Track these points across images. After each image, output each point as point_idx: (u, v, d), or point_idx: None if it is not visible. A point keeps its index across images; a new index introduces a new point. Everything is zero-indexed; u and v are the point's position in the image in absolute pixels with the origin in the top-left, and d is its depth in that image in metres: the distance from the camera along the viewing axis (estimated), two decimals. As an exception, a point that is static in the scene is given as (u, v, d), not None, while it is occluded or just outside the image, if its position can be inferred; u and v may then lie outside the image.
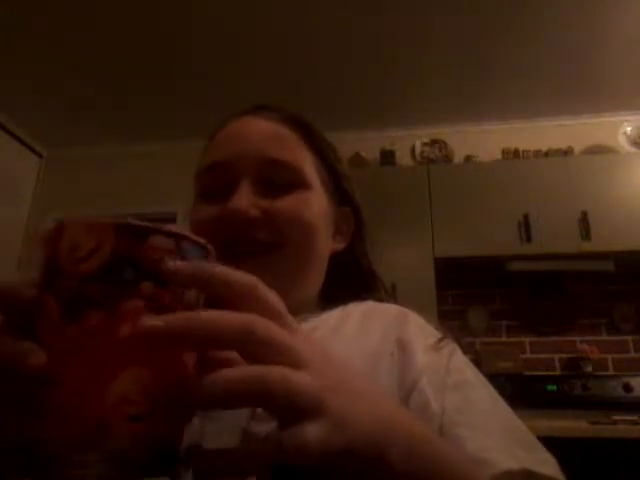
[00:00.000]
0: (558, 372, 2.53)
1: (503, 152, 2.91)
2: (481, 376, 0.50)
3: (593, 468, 1.71)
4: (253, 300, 0.26)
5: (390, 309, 0.56)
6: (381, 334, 0.50)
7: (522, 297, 2.70)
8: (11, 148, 3.16)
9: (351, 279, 0.63)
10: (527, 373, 2.51)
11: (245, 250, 0.51)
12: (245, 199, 0.50)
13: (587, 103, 2.84)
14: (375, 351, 0.48)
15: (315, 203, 0.55)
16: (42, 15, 2.24)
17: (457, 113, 2.95)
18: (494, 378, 0.53)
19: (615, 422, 1.91)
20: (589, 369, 2.44)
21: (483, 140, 2.98)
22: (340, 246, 0.61)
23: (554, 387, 2.37)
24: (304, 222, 0.53)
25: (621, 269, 2.39)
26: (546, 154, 2.84)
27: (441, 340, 0.51)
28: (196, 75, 2.67)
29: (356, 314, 0.54)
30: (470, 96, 2.80)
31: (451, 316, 2.67)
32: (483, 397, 0.47)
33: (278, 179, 0.53)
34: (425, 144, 3.04)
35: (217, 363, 0.25)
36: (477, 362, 2.43)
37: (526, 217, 2.44)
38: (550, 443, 0.44)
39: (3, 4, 2.17)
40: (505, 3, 2.15)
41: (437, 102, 2.87)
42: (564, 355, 2.55)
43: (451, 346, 0.51)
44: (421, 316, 0.56)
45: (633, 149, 2.81)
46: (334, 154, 0.63)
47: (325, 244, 0.58)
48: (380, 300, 0.60)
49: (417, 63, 2.55)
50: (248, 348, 0.24)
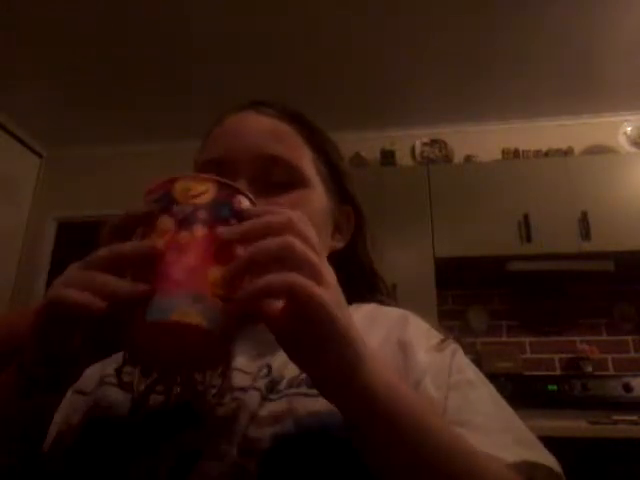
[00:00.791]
0: (558, 372, 2.53)
1: (503, 152, 2.91)
2: (482, 376, 0.50)
3: (593, 468, 1.71)
4: (294, 231, 0.33)
5: (392, 312, 0.56)
6: (383, 337, 0.50)
7: (522, 297, 2.70)
8: (11, 148, 3.16)
9: (352, 278, 0.62)
10: (527, 373, 2.51)
11: None
12: None
13: (587, 103, 2.84)
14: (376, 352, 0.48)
15: (314, 201, 0.55)
16: (42, 15, 2.24)
17: (457, 113, 2.95)
18: (494, 378, 0.54)
19: (615, 422, 1.91)
20: (589, 369, 2.44)
21: (483, 140, 2.98)
22: (340, 244, 0.61)
23: (554, 387, 2.37)
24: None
25: (621, 269, 2.39)
26: (546, 154, 2.84)
27: (444, 340, 0.51)
28: (196, 75, 2.67)
29: (358, 317, 0.53)
30: (470, 96, 2.80)
31: (451, 316, 2.67)
32: (484, 397, 0.47)
33: (276, 176, 0.52)
34: (425, 144, 3.04)
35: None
36: (477, 362, 2.42)
37: (526, 217, 2.44)
38: (550, 443, 0.44)
39: (3, 4, 2.17)
40: (505, 3, 2.15)
41: (437, 102, 2.87)
42: (564, 355, 2.55)
43: (453, 346, 0.51)
44: (422, 319, 0.56)
45: (633, 149, 2.81)
46: (335, 151, 0.62)
47: (324, 242, 0.57)
48: (381, 301, 0.60)
49: (417, 63, 2.55)
50: (287, 262, 0.32)
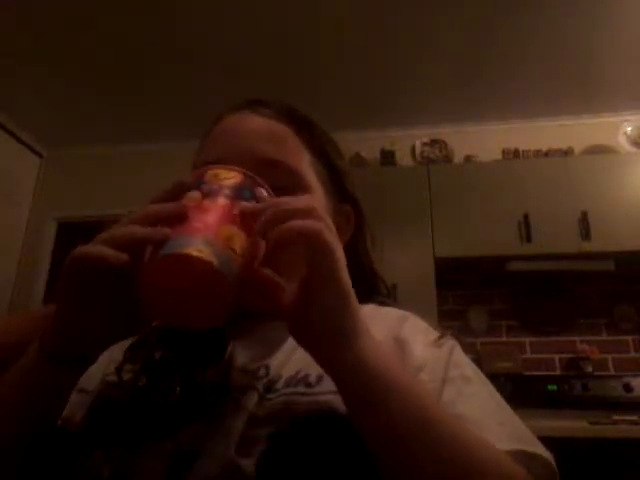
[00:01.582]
0: (558, 372, 2.53)
1: (503, 152, 2.91)
2: (481, 374, 0.50)
3: (593, 468, 1.71)
4: (316, 217, 0.39)
5: (391, 313, 0.56)
6: (383, 335, 0.50)
7: (522, 297, 2.70)
8: (11, 148, 3.16)
9: (352, 279, 0.62)
10: (527, 373, 2.51)
11: None
12: None
13: (587, 103, 2.84)
14: None
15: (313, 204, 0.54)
16: (42, 15, 2.25)
17: (457, 113, 2.95)
18: (494, 378, 0.54)
19: (615, 422, 1.91)
20: (589, 369, 2.44)
21: (483, 140, 2.98)
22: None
23: (554, 387, 2.37)
24: None
25: (621, 269, 2.39)
26: (546, 154, 2.84)
27: (442, 337, 0.51)
28: (196, 75, 2.67)
29: None
30: (470, 96, 2.80)
31: (451, 316, 2.67)
32: (481, 394, 0.47)
33: (275, 180, 0.51)
34: (425, 144, 3.04)
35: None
36: (477, 362, 2.41)
37: (526, 217, 2.44)
38: (550, 443, 0.44)
39: (3, 4, 2.17)
40: (505, 3, 2.15)
41: (437, 102, 2.87)
42: (564, 355, 2.55)
43: (452, 342, 0.51)
44: (422, 319, 0.56)
45: (633, 149, 2.81)
46: (334, 150, 0.61)
47: None
48: (381, 302, 0.60)
49: (417, 63, 2.55)
50: (311, 243, 0.37)
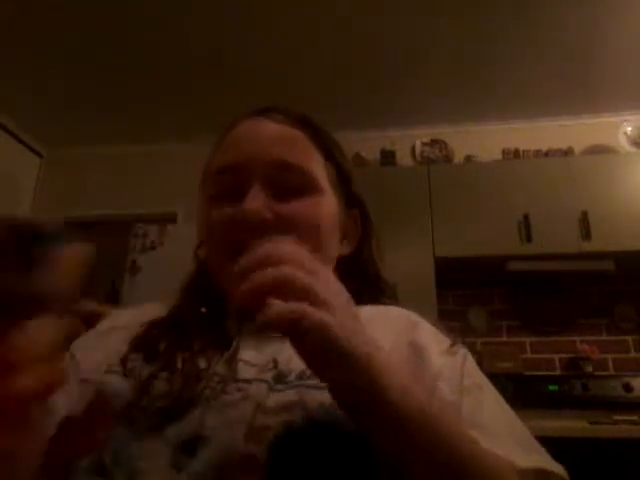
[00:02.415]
0: (558, 372, 2.53)
1: (503, 152, 2.91)
2: (487, 380, 0.51)
3: (593, 468, 1.71)
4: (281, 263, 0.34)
5: (399, 313, 0.56)
6: (393, 338, 0.51)
7: (522, 297, 2.70)
8: (11, 148, 3.16)
9: (357, 282, 0.63)
10: (527, 373, 2.51)
11: None
12: (258, 201, 0.51)
13: (587, 103, 2.84)
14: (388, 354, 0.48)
15: (325, 206, 0.56)
16: (42, 15, 2.24)
17: (457, 113, 2.95)
18: (494, 378, 0.54)
19: (615, 422, 1.91)
20: (589, 369, 2.44)
21: (483, 140, 2.98)
22: (347, 250, 0.61)
23: (554, 387, 2.37)
24: (315, 226, 0.53)
25: (621, 269, 2.39)
26: (546, 154, 2.84)
27: (453, 345, 0.52)
28: (196, 76, 2.66)
29: (362, 318, 0.54)
30: (470, 96, 2.80)
31: (451, 316, 2.67)
32: (492, 401, 0.48)
33: (290, 182, 0.53)
34: (425, 144, 3.04)
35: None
36: (478, 362, 2.42)
37: (526, 217, 2.44)
38: (550, 443, 0.44)
39: (3, 4, 2.17)
40: (505, 3, 2.15)
41: (437, 102, 2.87)
42: (564, 355, 2.55)
43: (463, 350, 0.52)
44: (427, 319, 0.57)
45: (633, 149, 2.81)
46: (342, 155, 0.63)
47: (334, 247, 0.58)
48: (384, 304, 0.60)
49: (417, 63, 2.55)
50: (284, 291, 0.33)
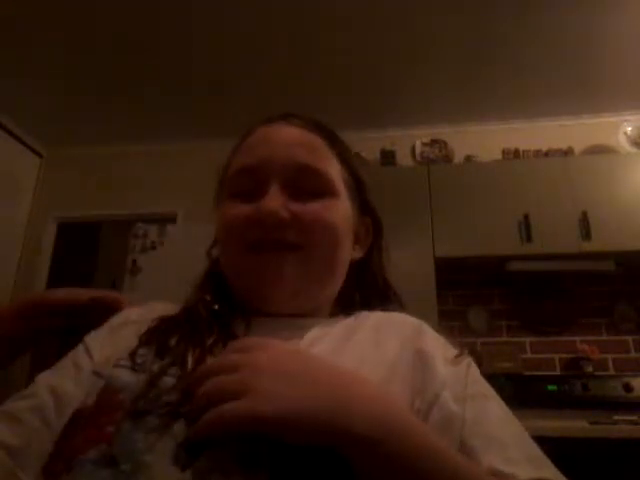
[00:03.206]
0: (558, 372, 2.53)
1: (503, 152, 2.91)
2: (492, 388, 0.51)
3: (593, 468, 1.71)
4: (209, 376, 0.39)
5: (407, 320, 0.57)
6: (400, 346, 0.51)
7: (522, 297, 2.70)
8: (11, 148, 3.16)
9: (366, 289, 0.64)
10: (527, 373, 2.51)
11: (273, 247, 0.53)
12: (276, 201, 0.53)
13: (587, 103, 2.84)
14: (393, 362, 0.49)
15: (341, 210, 0.57)
16: (42, 15, 2.25)
17: (457, 113, 2.95)
18: (494, 378, 0.54)
19: (615, 422, 1.91)
20: (589, 369, 2.44)
21: (483, 140, 2.98)
22: (358, 255, 0.63)
23: (554, 387, 2.37)
24: (330, 227, 0.55)
25: (621, 269, 2.39)
26: (546, 154, 2.84)
27: (459, 355, 0.53)
28: (196, 76, 2.67)
29: (369, 323, 0.55)
30: (470, 96, 2.80)
31: (451, 316, 2.67)
32: (497, 410, 0.48)
33: (307, 184, 0.55)
34: (425, 144, 3.04)
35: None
36: (477, 362, 2.43)
37: (526, 217, 2.44)
38: (550, 443, 0.44)
39: (3, 4, 2.17)
40: (505, 3, 2.15)
41: (437, 102, 2.87)
42: (564, 355, 2.55)
43: (468, 359, 0.53)
44: (418, 317, 0.57)
45: (633, 149, 2.81)
46: (357, 163, 0.64)
47: (348, 250, 0.60)
48: (392, 311, 0.61)
49: (417, 63, 2.55)
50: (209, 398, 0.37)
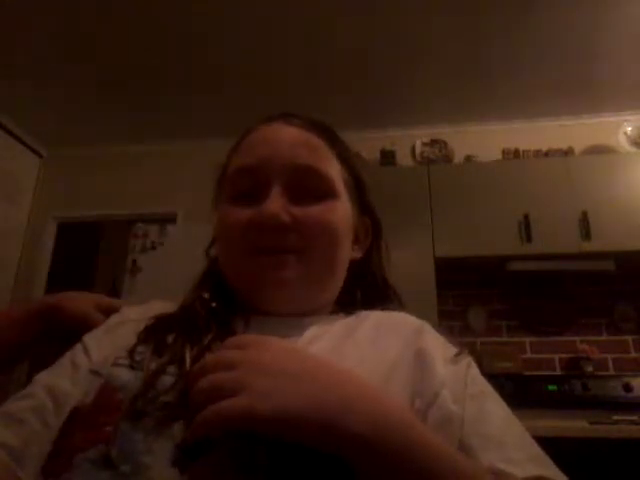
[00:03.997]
0: (558, 372, 2.53)
1: (503, 152, 2.91)
2: (492, 388, 0.51)
3: (593, 468, 1.71)
4: (206, 374, 0.38)
5: (407, 320, 0.57)
6: (400, 345, 0.51)
7: (522, 297, 2.70)
8: (11, 148, 3.16)
9: (366, 289, 0.65)
10: (527, 373, 2.51)
11: (274, 251, 0.53)
12: (277, 204, 0.52)
13: (587, 103, 2.84)
14: (393, 361, 0.49)
15: (341, 211, 0.57)
16: (42, 15, 2.25)
17: (457, 113, 2.95)
18: (494, 378, 0.54)
19: (615, 422, 1.91)
20: (589, 369, 2.44)
21: (483, 140, 2.98)
22: (357, 255, 0.63)
23: (554, 387, 2.37)
24: (331, 230, 0.55)
25: (621, 269, 2.39)
26: (546, 154, 2.84)
27: (459, 354, 0.53)
28: (196, 76, 2.66)
29: (369, 322, 0.55)
30: (470, 96, 2.80)
31: (451, 316, 2.67)
32: (497, 409, 0.48)
33: (308, 186, 0.55)
34: (425, 144, 3.04)
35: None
36: (477, 362, 2.42)
37: (526, 217, 2.44)
38: (550, 443, 0.44)
39: (2, 4, 2.17)
40: (505, 3, 2.15)
41: (437, 102, 2.87)
42: (564, 355, 2.55)
43: (467, 358, 0.53)
44: (419, 317, 0.57)
45: (633, 149, 2.81)
46: (357, 163, 0.64)
47: (347, 251, 0.60)
48: (392, 310, 0.61)
49: (417, 63, 2.55)
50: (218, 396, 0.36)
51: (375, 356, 0.49)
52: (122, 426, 0.42)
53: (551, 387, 2.38)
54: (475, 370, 0.52)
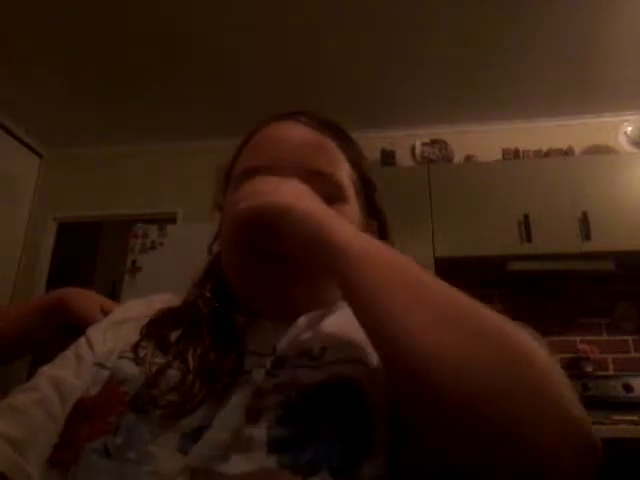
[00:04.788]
0: (558, 372, 2.53)
1: (503, 152, 2.91)
2: None
3: (593, 468, 1.71)
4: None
5: None
6: None
7: (522, 297, 2.70)
8: (11, 148, 3.16)
9: None
10: (527, 373, 2.51)
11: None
12: None
13: (587, 103, 2.84)
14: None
15: (350, 215, 0.56)
16: (42, 15, 2.25)
17: (457, 113, 2.95)
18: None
19: (615, 422, 1.91)
20: (589, 369, 2.44)
21: (483, 140, 2.98)
22: None
23: (554, 387, 2.37)
24: None
25: (621, 269, 2.39)
26: (546, 154, 2.84)
27: None
28: (196, 75, 2.66)
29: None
30: (470, 96, 2.80)
31: (451, 316, 2.67)
32: None
33: (318, 190, 0.53)
34: (425, 144, 3.04)
35: None
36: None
37: (526, 217, 2.44)
38: (550, 443, 0.44)
39: (3, 4, 2.17)
40: (505, 3, 2.15)
41: (437, 102, 2.87)
42: (564, 355, 2.55)
43: None
44: None
45: (633, 149, 2.81)
46: (367, 164, 0.63)
47: None
48: None
49: (417, 63, 2.55)
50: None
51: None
52: (127, 418, 0.42)
53: (551, 387, 2.37)
54: None
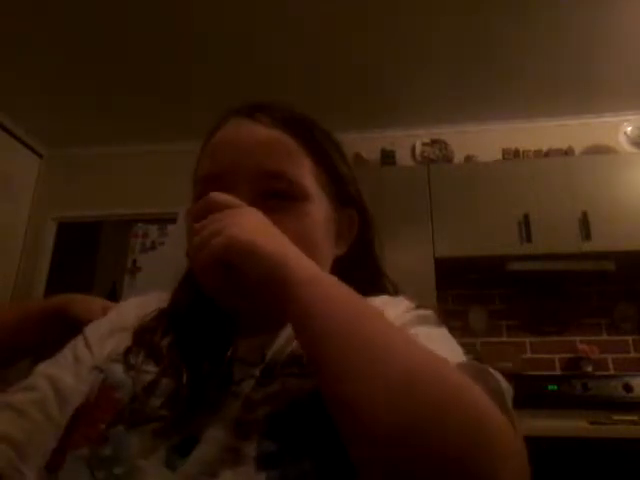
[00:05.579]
0: (558, 372, 2.53)
1: (503, 152, 2.91)
2: (445, 330, 0.50)
3: (593, 468, 1.71)
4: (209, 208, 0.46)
5: (382, 299, 0.55)
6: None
7: (522, 297, 2.70)
8: (11, 148, 3.16)
9: (358, 280, 0.62)
10: (527, 373, 2.51)
11: None
12: None
13: (587, 103, 2.84)
14: None
15: (315, 213, 0.54)
16: (42, 15, 2.25)
17: (457, 113, 2.95)
18: (494, 378, 0.54)
19: (615, 422, 1.91)
20: (589, 369, 2.44)
21: (483, 140, 2.98)
22: (342, 251, 0.60)
23: (554, 387, 2.37)
24: (305, 241, 0.50)
25: (621, 269, 2.39)
26: (546, 154, 2.84)
27: (417, 307, 0.52)
28: (196, 75, 2.67)
29: None
30: (470, 96, 2.80)
31: (451, 316, 2.67)
32: (425, 329, 0.47)
33: (276, 191, 0.52)
34: (425, 144, 3.04)
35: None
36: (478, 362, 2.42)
37: (526, 217, 2.44)
38: (550, 443, 0.44)
39: (2, 5, 2.17)
40: (505, 3, 2.15)
41: (437, 102, 2.87)
42: (564, 355, 2.55)
43: (427, 311, 0.52)
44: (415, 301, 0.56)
45: (633, 149, 2.81)
46: (336, 153, 0.61)
47: (328, 254, 0.57)
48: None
49: (417, 63, 2.55)
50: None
51: None
52: (117, 428, 0.42)
53: (551, 387, 2.38)
54: (425, 312, 0.51)
